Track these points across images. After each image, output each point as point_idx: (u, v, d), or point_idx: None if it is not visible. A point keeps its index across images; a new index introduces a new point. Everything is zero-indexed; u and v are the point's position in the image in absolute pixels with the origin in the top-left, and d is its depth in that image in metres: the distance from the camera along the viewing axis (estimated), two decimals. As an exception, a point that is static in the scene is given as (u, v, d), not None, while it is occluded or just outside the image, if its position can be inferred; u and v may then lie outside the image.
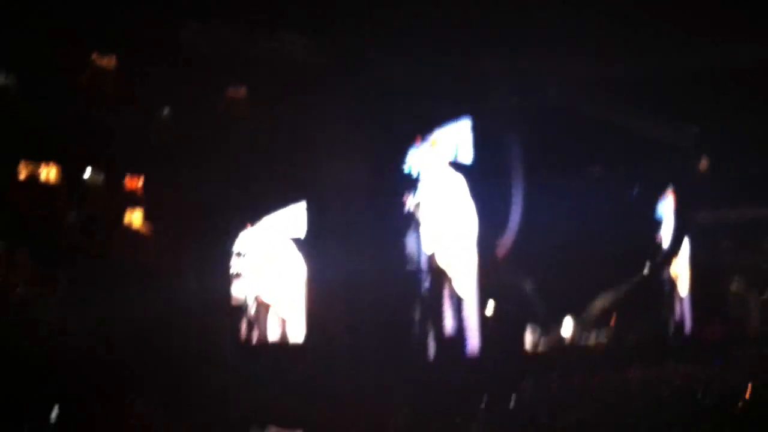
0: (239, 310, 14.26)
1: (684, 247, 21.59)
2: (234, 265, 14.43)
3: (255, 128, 14.12)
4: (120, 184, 14.69)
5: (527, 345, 16.71)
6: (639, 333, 19.17)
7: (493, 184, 15.79)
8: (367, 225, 13.30)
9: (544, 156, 16.50)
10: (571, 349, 18.11)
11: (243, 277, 14.42)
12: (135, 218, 14.68)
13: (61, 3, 12.28)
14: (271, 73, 13.83)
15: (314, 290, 13.76)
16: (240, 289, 14.35)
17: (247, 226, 14.66)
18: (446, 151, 14.81)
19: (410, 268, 13.91)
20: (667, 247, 21.17)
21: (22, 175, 13.11)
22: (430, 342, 13.79)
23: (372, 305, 13.10)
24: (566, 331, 18.66)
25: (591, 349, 18.33)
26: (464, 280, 14.82)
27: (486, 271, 15.07)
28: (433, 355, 13.73)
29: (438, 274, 14.37)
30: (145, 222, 14.58)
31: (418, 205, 14.00)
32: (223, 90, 14.01)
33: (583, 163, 18.80)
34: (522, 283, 17.41)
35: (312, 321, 13.64)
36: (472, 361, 14.48)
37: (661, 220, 20.98)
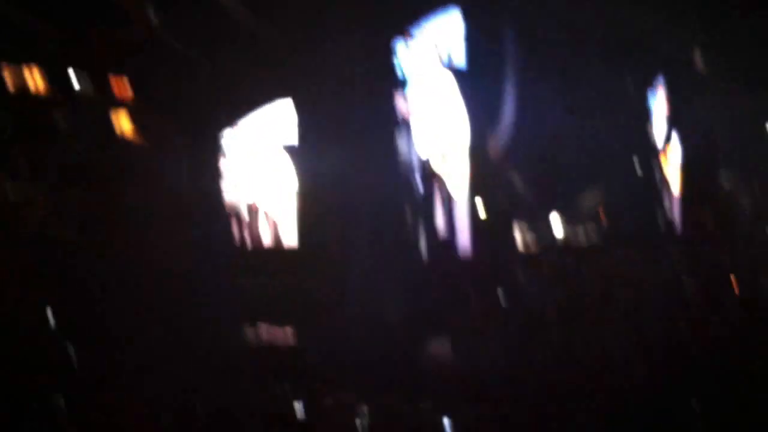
0: (232, 214, 14.28)
1: (676, 144, 21.49)
2: (224, 167, 14.38)
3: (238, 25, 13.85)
4: (106, 87, 14.53)
5: (519, 244, 16.78)
6: (628, 228, 19.27)
7: (485, 80, 15.55)
8: (358, 125, 13.15)
9: (537, 47, 16.24)
10: (563, 245, 18.24)
11: (234, 181, 14.40)
12: (123, 121, 14.56)
13: None
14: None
15: (305, 193, 13.74)
16: (231, 193, 14.34)
17: (234, 125, 14.55)
18: (437, 50, 14.52)
19: (402, 169, 13.81)
20: (659, 144, 21.06)
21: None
22: (423, 244, 13.81)
23: (364, 207, 13.07)
24: (558, 228, 18.73)
25: (581, 244, 18.45)
26: (457, 181, 14.76)
27: (478, 170, 14.99)
28: (426, 257, 13.77)
29: (430, 175, 14.29)
30: (133, 123, 14.48)
31: (410, 105, 13.79)
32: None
33: (577, 55, 18.53)
34: (515, 183, 17.39)
35: (304, 225, 13.67)
36: (465, 261, 14.56)
37: (653, 115, 20.79)
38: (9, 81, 13.09)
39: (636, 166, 20.20)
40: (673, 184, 21.71)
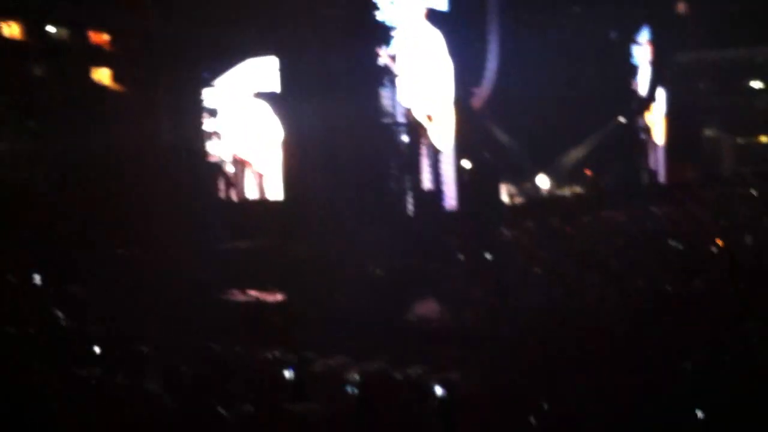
0: (217, 167, 14.20)
1: (660, 95, 21.46)
2: (208, 121, 14.25)
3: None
4: (86, 39, 14.31)
5: (504, 196, 16.83)
6: (614, 180, 19.35)
7: (470, 32, 15.44)
8: (342, 78, 13.02)
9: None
10: (548, 198, 18.32)
11: (218, 135, 14.28)
12: (103, 74, 14.37)
13: None
14: None
15: (290, 145, 13.66)
16: (216, 147, 14.23)
17: (218, 79, 14.39)
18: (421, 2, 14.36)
19: (387, 122, 13.73)
20: (643, 95, 21.04)
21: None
22: (408, 195, 13.81)
23: (349, 159, 13.02)
24: (542, 181, 18.79)
25: (566, 197, 18.54)
26: (441, 132, 14.72)
27: (463, 122, 14.96)
28: (412, 209, 13.79)
29: (415, 128, 14.23)
30: (115, 78, 14.28)
31: (394, 58, 13.65)
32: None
33: (561, 6, 18.44)
34: (498, 134, 17.37)
35: (289, 177, 13.61)
36: (450, 213, 14.59)
37: (637, 66, 20.74)
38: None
39: (621, 118, 20.26)
40: (658, 134, 21.76)
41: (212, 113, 14.17)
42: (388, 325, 8.40)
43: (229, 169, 14.32)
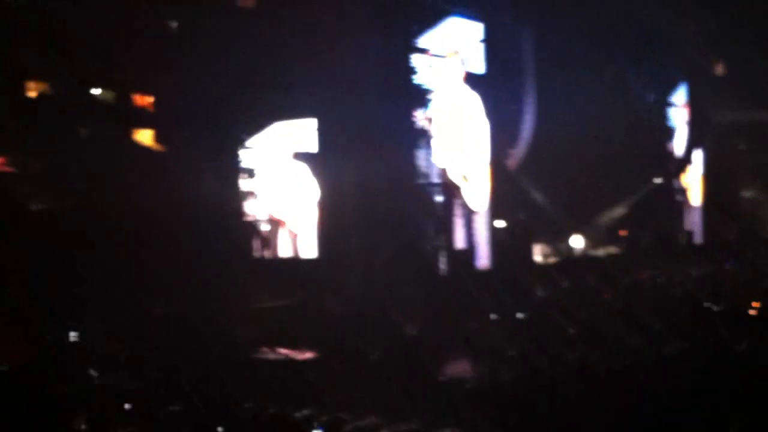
0: (252, 227, 14.30)
1: (697, 156, 21.40)
2: (245, 181, 14.40)
3: (262, 38, 13.88)
4: (128, 100, 14.61)
5: (538, 256, 16.77)
6: (650, 240, 19.21)
7: (506, 94, 15.59)
8: (378, 139, 13.17)
9: (557, 60, 16.22)
10: (582, 259, 18.19)
11: (254, 194, 14.41)
12: (144, 135, 14.62)
13: None
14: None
15: (326, 205, 13.77)
16: (252, 206, 14.35)
17: (255, 140, 14.57)
18: (458, 63, 14.55)
19: (422, 183, 13.84)
20: (680, 156, 21.00)
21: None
22: (442, 255, 13.83)
23: (384, 219, 13.09)
24: (577, 241, 18.71)
25: (602, 258, 18.40)
26: (476, 193, 14.78)
27: (498, 183, 15.02)
28: (445, 269, 13.78)
29: (450, 188, 14.32)
30: (155, 137, 14.53)
31: (430, 119, 13.82)
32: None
33: (597, 67, 18.50)
34: (533, 195, 17.38)
35: (324, 236, 13.70)
36: (484, 273, 14.57)
37: (674, 128, 20.74)
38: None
39: (658, 179, 20.20)
40: (695, 195, 21.62)
41: (250, 173, 14.33)
42: (423, 385, 8.35)
43: (264, 228, 14.43)
